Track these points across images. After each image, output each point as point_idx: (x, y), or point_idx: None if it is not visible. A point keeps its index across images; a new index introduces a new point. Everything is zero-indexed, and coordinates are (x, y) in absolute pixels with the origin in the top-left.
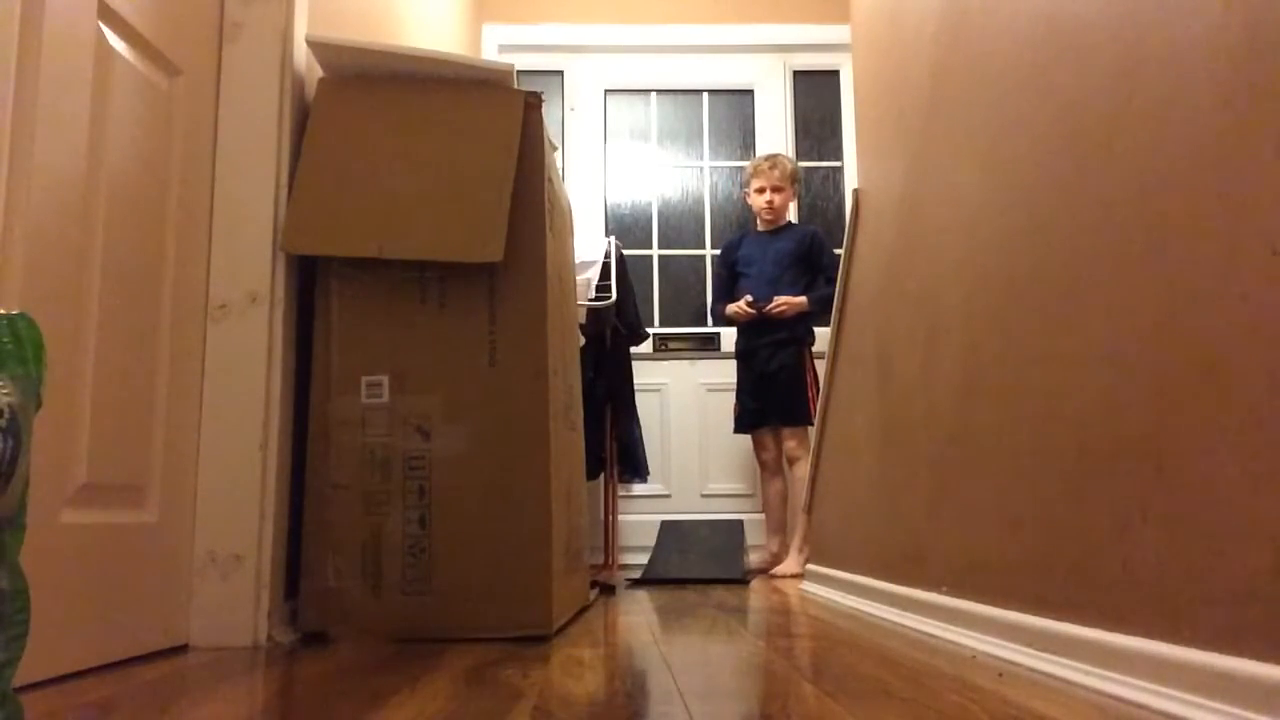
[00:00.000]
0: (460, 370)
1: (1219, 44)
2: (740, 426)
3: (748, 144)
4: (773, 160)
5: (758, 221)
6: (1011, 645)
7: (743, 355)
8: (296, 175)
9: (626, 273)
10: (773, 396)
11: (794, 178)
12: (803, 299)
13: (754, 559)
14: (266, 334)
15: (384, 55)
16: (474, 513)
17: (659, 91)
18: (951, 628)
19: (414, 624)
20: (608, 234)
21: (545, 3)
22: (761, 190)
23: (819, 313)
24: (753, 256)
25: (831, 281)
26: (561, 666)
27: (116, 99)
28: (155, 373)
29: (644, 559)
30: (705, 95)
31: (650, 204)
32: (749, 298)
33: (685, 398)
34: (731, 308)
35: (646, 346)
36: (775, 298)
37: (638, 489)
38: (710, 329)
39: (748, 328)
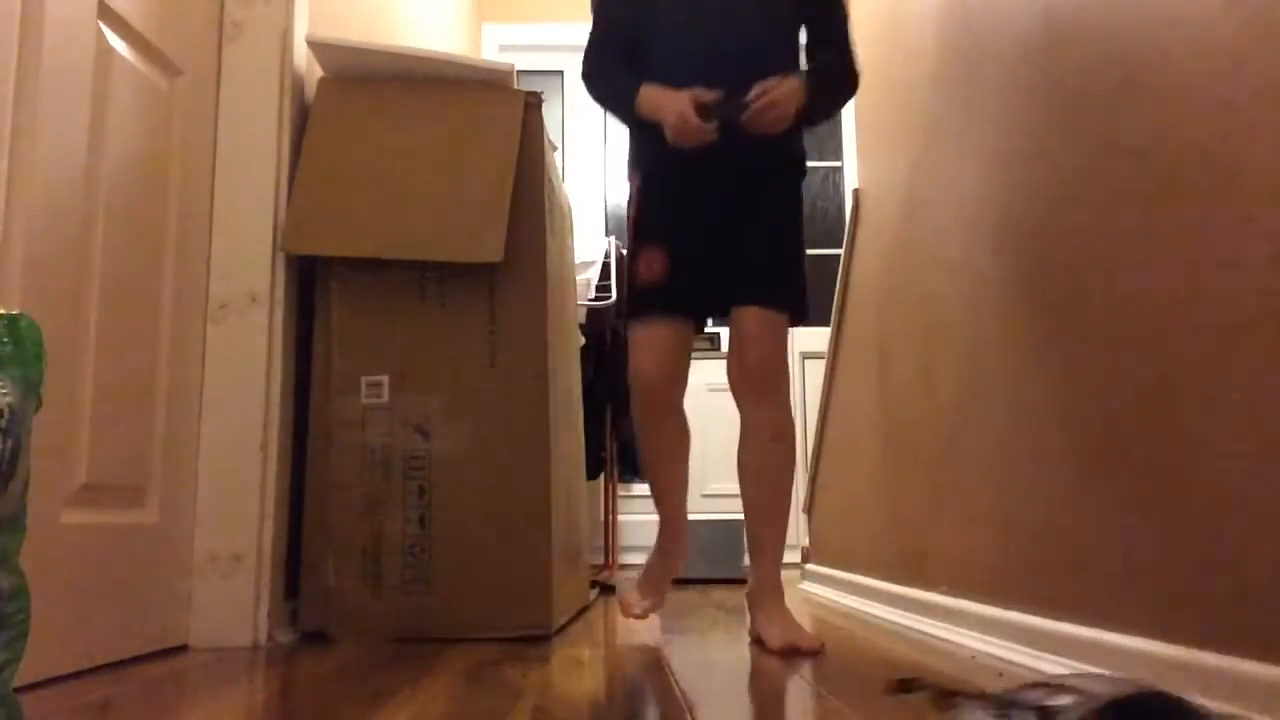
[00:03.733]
0: (460, 370)
1: (1219, 43)
2: (648, 306)
3: None
4: None
5: None
6: (1011, 645)
7: (670, 181)
8: (296, 175)
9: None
10: (740, 266)
11: None
12: (795, 83)
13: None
14: (266, 334)
15: (384, 55)
16: (474, 513)
17: None
18: (951, 628)
19: (414, 624)
20: (608, 234)
21: (545, 3)
22: None
23: (824, 111)
24: None
25: (845, 52)
26: (561, 666)
27: (116, 99)
28: (155, 373)
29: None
30: None
31: None
32: (704, 92)
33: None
34: (654, 95)
35: None
36: (755, 84)
37: (638, 489)
38: (709, 329)
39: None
